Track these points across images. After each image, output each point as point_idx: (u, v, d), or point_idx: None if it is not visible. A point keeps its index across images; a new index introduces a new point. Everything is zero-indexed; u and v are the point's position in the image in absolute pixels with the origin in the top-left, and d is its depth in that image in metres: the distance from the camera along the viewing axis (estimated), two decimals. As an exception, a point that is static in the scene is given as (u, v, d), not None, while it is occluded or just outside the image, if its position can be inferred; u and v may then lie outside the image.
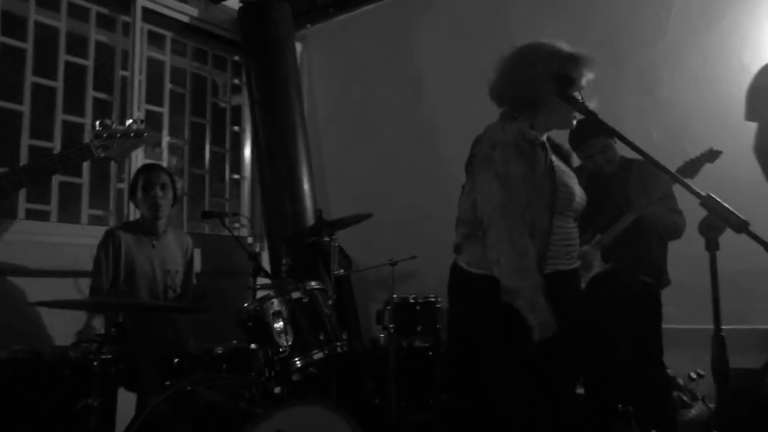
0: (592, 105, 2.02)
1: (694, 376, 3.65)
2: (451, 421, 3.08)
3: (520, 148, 1.97)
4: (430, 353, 3.83)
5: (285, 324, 2.62)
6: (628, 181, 3.22)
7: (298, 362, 2.62)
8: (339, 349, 2.74)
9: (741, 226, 1.68)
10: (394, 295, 3.85)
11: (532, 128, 2.05)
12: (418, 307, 3.89)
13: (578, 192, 2.12)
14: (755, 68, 3.63)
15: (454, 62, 4.85)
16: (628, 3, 4.84)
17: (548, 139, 2.21)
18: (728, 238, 3.58)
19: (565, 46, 2.09)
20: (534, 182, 1.97)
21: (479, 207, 2.01)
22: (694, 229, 1.78)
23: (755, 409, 3.36)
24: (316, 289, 2.85)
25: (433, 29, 5.05)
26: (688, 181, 1.78)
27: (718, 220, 1.71)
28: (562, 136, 2.93)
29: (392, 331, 3.67)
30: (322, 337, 2.69)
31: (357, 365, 3.90)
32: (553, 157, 2.08)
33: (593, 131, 3.17)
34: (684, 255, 3.24)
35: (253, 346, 2.50)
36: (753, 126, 3.47)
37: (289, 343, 2.59)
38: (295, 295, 2.74)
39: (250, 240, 5.01)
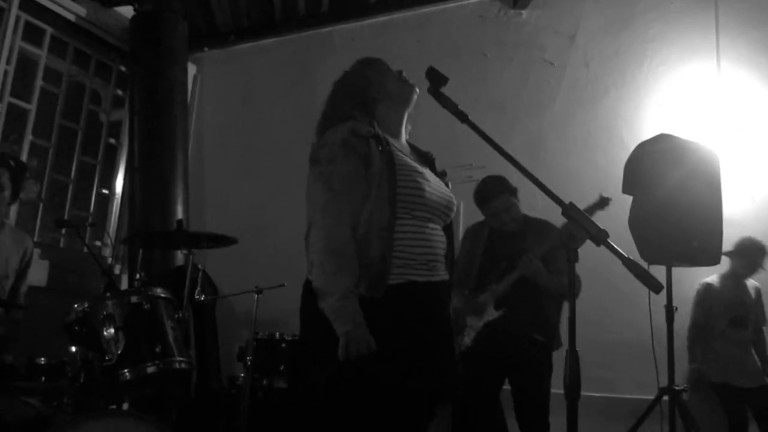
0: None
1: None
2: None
3: (350, 144, 1.84)
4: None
5: (117, 330, 2.28)
6: (526, 237, 3.25)
7: (127, 374, 2.26)
8: (177, 365, 2.39)
9: (600, 237, 1.61)
10: (259, 333, 3.56)
11: (372, 126, 1.92)
12: (283, 345, 3.61)
13: (434, 191, 1.93)
14: (633, 145, 3.78)
15: (351, 104, 4.80)
16: (521, 70, 5.02)
17: (409, 143, 2.11)
18: (598, 309, 3.65)
19: None
20: (370, 177, 1.82)
21: (306, 210, 1.86)
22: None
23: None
24: (161, 297, 2.53)
25: (333, 70, 4.97)
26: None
27: (579, 230, 1.64)
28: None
29: (249, 364, 3.34)
30: (158, 350, 2.34)
31: (213, 403, 3.54)
32: (399, 153, 1.92)
33: (498, 189, 3.21)
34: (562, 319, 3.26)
35: (72, 349, 2.14)
36: (629, 199, 3.58)
37: (119, 352, 2.25)
38: (134, 299, 2.41)
39: (110, 261, 4.58)
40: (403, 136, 2.09)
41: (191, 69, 5.08)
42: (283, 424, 3.31)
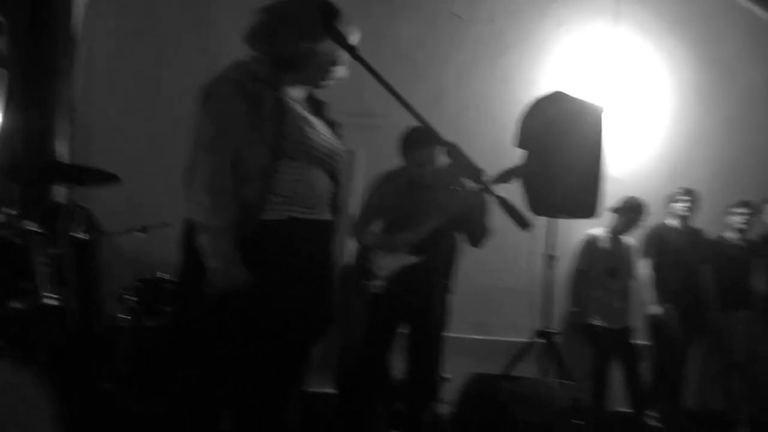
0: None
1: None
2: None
3: (244, 85, 1.84)
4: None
5: (-25, 266, 2.17)
6: (440, 190, 3.29)
7: (-12, 311, 2.18)
8: (47, 302, 2.33)
9: (477, 175, 1.70)
10: (143, 273, 3.48)
11: (277, 81, 1.91)
12: (168, 286, 3.54)
13: (320, 138, 1.95)
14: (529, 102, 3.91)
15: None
16: (427, 20, 5.03)
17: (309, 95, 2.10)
18: (481, 256, 3.81)
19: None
20: (257, 121, 1.84)
21: (192, 145, 1.86)
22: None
23: (491, 410, 3.52)
24: (31, 231, 2.43)
25: (234, 4, 4.83)
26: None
27: (459, 168, 1.73)
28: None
29: (132, 305, 3.27)
30: (26, 286, 2.27)
31: (93, 345, 3.45)
32: (291, 102, 1.93)
33: (427, 141, 3.20)
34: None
35: None
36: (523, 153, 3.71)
37: (-25, 289, 2.15)
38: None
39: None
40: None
41: (80, -3, 4.74)
42: (165, 365, 3.29)
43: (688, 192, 4.71)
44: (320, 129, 1.98)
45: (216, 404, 1.89)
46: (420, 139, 3.24)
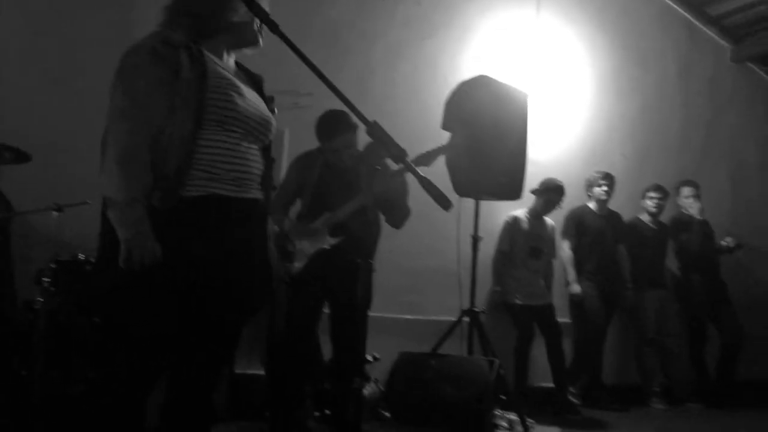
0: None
1: (370, 359, 3.78)
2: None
3: (157, 52, 1.77)
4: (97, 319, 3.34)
5: None
6: (360, 171, 3.27)
7: None
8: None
9: (400, 156, 1.68)
10: (60, 254, 3.31)
11: (198, 46, 1.84)
12: (88, 267, 3.39)
13: (249, 107, 1.89)
14: (455, 84, 3.95)
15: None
16: (356, 1, 5.00)
17: (237, 63, 2.04)
18: (410, 238, 3.86)
19: None
20: (176, 88, 1.77)
21: (107, 116, 1.78)
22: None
23: (419, 388, 3.58)
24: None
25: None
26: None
27: (381, 148, 1.71)
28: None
29: (47, 287, 3.11)
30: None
31: (5, 329, 3.27)
32: (216, 67, 1.86)
33: (344, 127, 3.17)
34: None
35: None
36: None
37: None
38: None
39: None
40: (225, 55, 1.99)
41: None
42: (84, 349, 3.16)
43: (606, 176, 4.90)
44: (251, 97, 1.92)
45: (138, 382, 1.82)
46: (335, 125, 3.21)
